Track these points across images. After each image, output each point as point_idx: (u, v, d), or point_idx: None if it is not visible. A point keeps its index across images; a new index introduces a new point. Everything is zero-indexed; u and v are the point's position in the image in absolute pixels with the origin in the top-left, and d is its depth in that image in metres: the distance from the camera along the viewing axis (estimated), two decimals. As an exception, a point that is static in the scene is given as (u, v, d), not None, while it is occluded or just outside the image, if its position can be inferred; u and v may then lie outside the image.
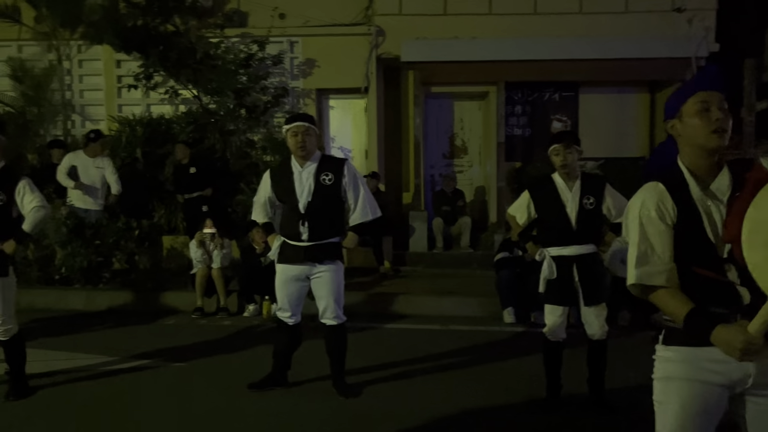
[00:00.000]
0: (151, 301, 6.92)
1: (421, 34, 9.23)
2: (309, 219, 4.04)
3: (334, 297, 4.13)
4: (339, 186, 4.10)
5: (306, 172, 4.10)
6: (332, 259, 4.12)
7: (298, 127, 4.06)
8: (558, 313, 3.93)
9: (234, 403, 4.08)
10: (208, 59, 8.60)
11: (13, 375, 4.20)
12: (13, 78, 9.45)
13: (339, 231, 4.19)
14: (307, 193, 4.06)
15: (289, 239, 4.12)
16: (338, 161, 4.21)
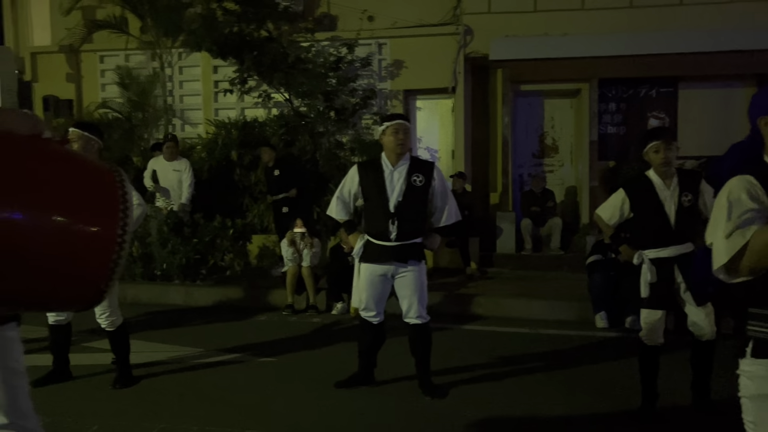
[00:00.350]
0: (244, 297, 7.18)
1: (511, 31, 9.08)
2: (398, 218, 4.05)
3: (419, 296, 4.13)
4: (428, 188, 4.12)
5: (397, 171, 4.12)
6: (417, 259, 4.13)
7: (400, 125, 4.11)
8: (657, 316, 3.76)
9: (320, 400, 4.16)
10: (299, 63, 8.82)
11: (119, 364, 4.47)
12: (120, 85, 10.08)
13: (422, 232, 4.20)
14: (398, 192, 4.08)
15: (375, 238, 4.14)
16: (428, 164, 4.26)
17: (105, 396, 4.24)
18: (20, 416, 2.11)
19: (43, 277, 1.69)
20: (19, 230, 1.60)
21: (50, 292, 1.73)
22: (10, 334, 2.11)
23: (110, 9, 9.96)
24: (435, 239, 4.25)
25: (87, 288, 1.74)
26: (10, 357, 2.09)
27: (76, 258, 1.69)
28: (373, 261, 4.15)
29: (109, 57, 10.64)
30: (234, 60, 8.91)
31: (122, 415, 3.86)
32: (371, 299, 4.22)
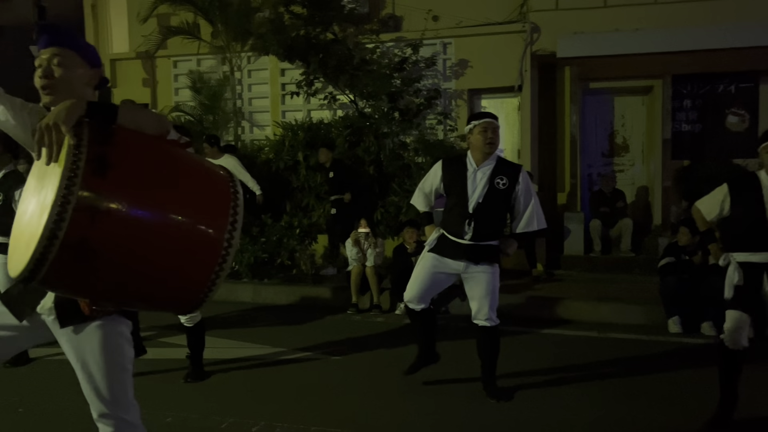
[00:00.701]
0: (309, 296, 7.30)
1: (579, 28, 8.87)
2: (476, 219, 4.00)
3: (489, 299, 4.07)
4: (511, 192, 4.04)
5: (481, 172, 4.06)
6: (490, 262, 4.06)
7: (489, 123, 4.04)
8: (742, 318, 3.57)
9: (385, 399, 4.18)
10: (364, 64, 8.89)
11: (193, 359, 4.62)
12: (192, 89, 10.43)
13: (499, 234, 4.14)
14: (478, 193, 4.02)
15: (451, 235, 4.10)
16: (514, 167, 4.16)
17: (178, 389, 4.40)
18: (122, 409, 2.17)
19: (158, 274, 1.75)
20: (148, 225, 1.68)
21: (160, 289, 1.79)
22: (121, 329, 2.17)
23: (183, 15, 10.32)
24: (511, 244, 4.15)
25: (192, 289, 1.79)
26: (119, 352, 2.16)
27: (189, 258, 1.75)
28: (444, 254, 4.10)
29: (182, 62, 11.03)
30: (300, 63, 9.06)
31: (193, 409, 3.99)
32: (422, 287, 4.19)
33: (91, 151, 1.63)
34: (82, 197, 1.58)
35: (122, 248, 1.67)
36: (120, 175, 1.66)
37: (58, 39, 2.12)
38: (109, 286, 1.75)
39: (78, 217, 1.57)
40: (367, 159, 8.65)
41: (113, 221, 1.64)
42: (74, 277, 1.68)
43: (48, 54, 2.10)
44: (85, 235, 1.60)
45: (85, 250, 1.61)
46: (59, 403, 3.97)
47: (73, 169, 1.58)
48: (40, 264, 1.59)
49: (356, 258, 6.94)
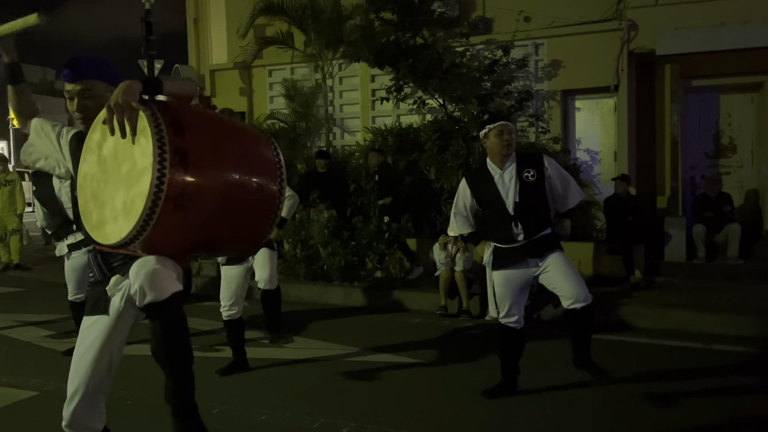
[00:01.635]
0: (398, 299, 7.34)
1: (680, 24, 8.45)
2: (521, 218, 4.00)
3: (575, 278, 3.99)
4: (542, 180, 4.06)
5: (507, 173, 4.09)
6: (553, 249, 4.02)
7: (504, 126, 4.09)
8: None
9: (473, 405, 4.13)
10: (454, 68, 8.85)
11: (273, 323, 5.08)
12: (286, 97, 10.76)
13: (549, 222, 4.11)
14: (513, 193, 4.03)
15: (503, 243, 4.08)
16: (536, 156, 4.20)
17: (271, 388, 4.53)
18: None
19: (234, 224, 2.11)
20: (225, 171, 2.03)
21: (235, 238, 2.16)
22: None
23: (278, 26, 10.68)
24: (566, 224, 4.18)
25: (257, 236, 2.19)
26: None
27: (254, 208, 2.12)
28: (507, 266, 4.07)
29: (276, 71, 11.40)
30: (390, 68, 9.15)
31: (286, 408, 4.10)
32: (512, 304, 4.13)
33: (165, 116, 1.94)
34: (174, 154, 1.88)
35: (212, 193, 1.98)
36: (194, 134, 1.98)
37: (81, 73, 2.32)
38: (201, 231, 2.04)
39: (175, 172, 1.88)
40: (456, 163, 8.59)
41: (201, 171, 1.95)
42: (174, 227, 1.97)
43: (76, 88, 2.31)
44: (182, 187, 1.90)
45: (184, 199, 1.91)
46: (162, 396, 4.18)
47: (159, 132, 1.88)
48: (149, 218, 1.88)
49: (445, 262, 6.91)
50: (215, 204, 1.99)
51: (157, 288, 2.06)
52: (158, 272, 2.06)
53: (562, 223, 4.18)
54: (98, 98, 2.28)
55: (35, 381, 4.64)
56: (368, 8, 9.33)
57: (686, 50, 8.31)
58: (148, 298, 2.07)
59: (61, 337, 5.91)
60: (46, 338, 6.01)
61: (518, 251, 4.03)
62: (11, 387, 4.55)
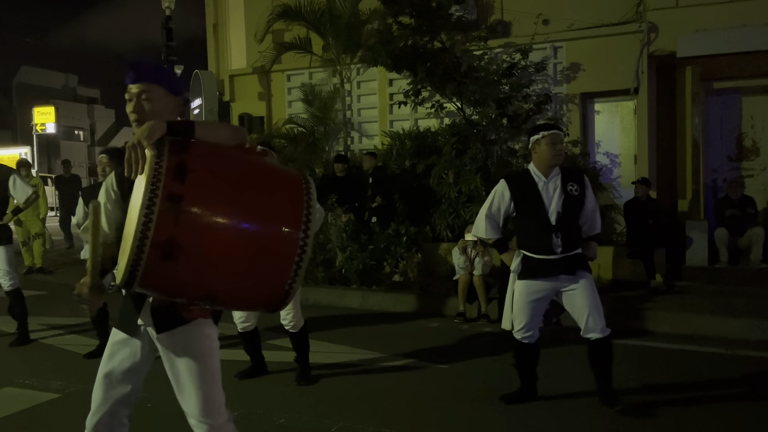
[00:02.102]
0: (416, 303, 7.32)
1: (701, 25, 8.35)
2: (562, 230, 3.91)
3: (596, 308, 3.93)
4: (583, 197, 4.02)
5: (552, 182, 4.00)
6: (584, 269, 3.96)
7: (557, 135, 4.00)
8: None
9: (487, 411, 4.11)
10: (472, 71, 8.83)
11: (301, 362, 4.77)
12: (304, 101, 10.82)
13: (581, 242, 4.06)
14: (556, 204, 3.94)
15: (537, 253, 3.97)
16: (579, 172, 4.18)
17: (290, 392, 4.55)
18: (212, 414, 2.30)
19: (238, 280, 1.91)
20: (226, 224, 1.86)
21: (243, 285, 1.94)
22: (210, 333, 2.33)
23: (296, 31, 10.74)
24: (594, 248, 4.12)
25: (273, 286, 1.94)
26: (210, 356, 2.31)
27: (267, 256, 1.91)
28: (538, 276, 3.97)
29: (294, 76, 11.47)
30: (408, 72, 9.15)
31: (305, 412, 4.11)
32: (530, 318, 4.06)
33: (171, 159, 1.84)
34: (165, 199, 1.78)
35: (205, 245, 1.84)
36: (198, 179, 1.86)
37: (144, 75, 2.34)
38: (199, 285, 1.91)
39: (163, 218, 1.77)
40: (474, 167, 8.57)
41: (195, 220, 1.83)
42: (168, 276, 1.86)
43: (137, 90, 2.31)
44: (171, 234, 1.79)
45: (173, 248, 1.79)
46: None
47: (155, 176, 1.80)
48: (136, 264, 1.79)
49: (464, 266, 6.88)
50: (212, 257, 1.85)
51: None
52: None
53: (590, 245, 4.10)
54: (156, 103, 2.28)
55: (57, 383, 4.70)
56: (386, 12, 9.34)
57: (707, 52, 8.22)
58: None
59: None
60: (67, 341, 6.09)
61: (553, 264, 3.92)
62: (33, 389, 4.61)
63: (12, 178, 5.80)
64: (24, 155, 26.64)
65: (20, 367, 5.17)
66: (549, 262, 3.93)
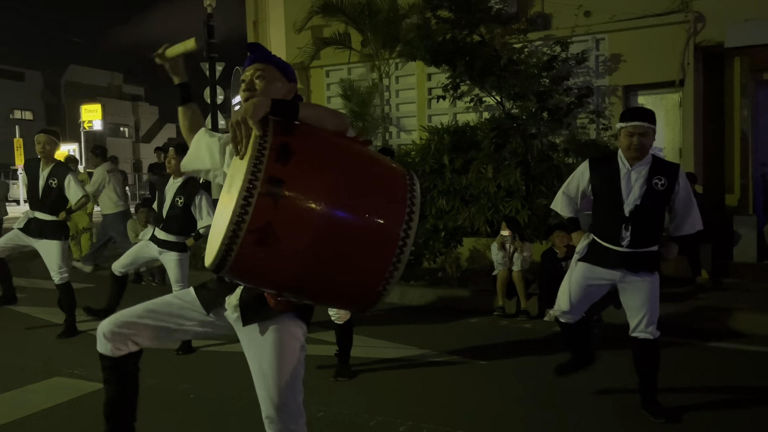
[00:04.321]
0: (455, 299, 7.30)
1: (751, 14, 8.09)
2: (634, 223, 3.74)
3: (650, 309, 3.78)
4: (671, 193, 3.77)
5: (635, 172, 3.78)
6: (650, 270, 3.77)
7: (636, 128, 3.73)
8: None
9: (533, 408, 4.07)
10: (512, 65, 8.74)
11: (342, 357, 4.81)
12: (343, 97, 10.87)
13: (658, 239, 3.85)
14: (635, 195, 3.75)
15: (605, 241, 3.86)
16: (673, 166, 3.87)
17: (329, 385, 4.58)
18: (289, 415, 2.26)
19: (330, 276, 1.81)
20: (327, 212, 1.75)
21: (337, 280, 1.83)
22: (296, 332, 2.30)
23: (335, 26, 10.79)
24: (672, 249, 3.89)
25: (368, 281, 1.84)
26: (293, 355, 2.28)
27: (366, 248, 1.80)
28: (598, 263, 3.87)
29: (333, 71, 11.53)
30: (447, 66, 9.10)
31: (343, 405, 4.14)
32: (576, 299, 3.96)
33: (275, 140, 1.76)
34: (266, 182, 1.69)
35: (303, 233, 1.73)
36: (302, 163, 1.76)
37: (260, 56, 2.34)
38: (292, 274, 1.79)
39: (262, 202, 1.68)
40: (513, 161, 8.48)
41: (295, 206, 1.72)
42: (260, 264, 1.77)
43: (252, 70, 2.31)
44: (269, 219, 1.70)
45: (269, 234, 1.70)
46: (224, 392, 4.30)
47: (258, 157, 1.71)
48: (229, 249, 1.71)
49: (502, 262, 6.83)
50: (308, 247, 1.74)
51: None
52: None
53: (669, 246, 3.89)
54: (268, 84, 2.27)
55: (104, 373, 4.84)
56: (425, 7, 9.31)
57: (757, 42, 7.95)
58: None
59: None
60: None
61: (617, 256, 3.78)
62: (82, 379, 4.75)
63: (68, 178, 6.02)
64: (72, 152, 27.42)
65: (69, 358, 5.34)
66: (614, 253, 3.80)
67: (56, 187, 6.01)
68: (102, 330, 2.42)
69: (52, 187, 6.02)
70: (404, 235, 1.79)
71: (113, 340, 2.40)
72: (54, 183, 6.02)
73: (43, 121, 50.60)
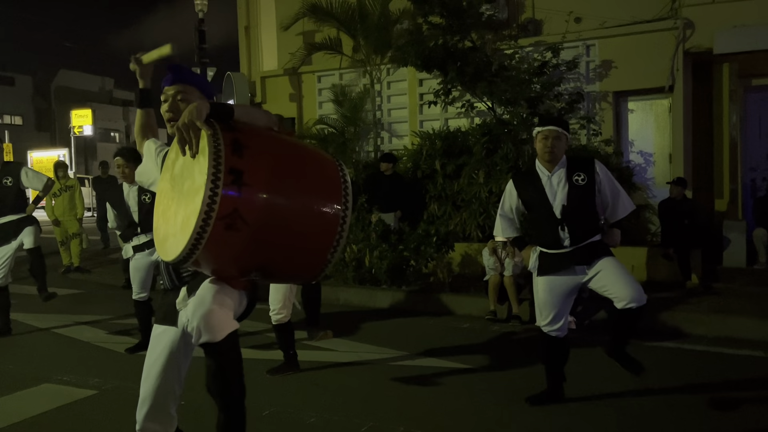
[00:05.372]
0: (447, 303, 7.30)
1: (739, 21, 8.16)
2: (568, 223, 3.88)
3: (627, 279, 3.80)
4: (593, 185, 3.93)
5: (556, 176, 3.97)
6: (600, 256, 3.87)
7: (549, 131, 3.95)
8: None
9: (516, 413, 4.07)
10: (503, 71, 8.77)
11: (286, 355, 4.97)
12: (335, 102, 10.87)
13: (598, 229, 3.98)
14: (561, 197, 3.92)
15: (548, 248, 3.98)
16: (587, 161, 4.07)
17: (321, 391, 4.57)
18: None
19: (289, 250, 2.07)
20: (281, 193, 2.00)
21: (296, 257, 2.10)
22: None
23: (326, 31, 10.80)
24: (615, 234, 4.03)
25: (317, 262, 2.10)
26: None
27: (312, 234, 2.06)
28: (552, 272, 3.96)
29: (325, 76, 11.53)
30: (438, 72, 9.13)
31: (335, 411, 4.13)
32: (555, 312, 4.01)
33: (226, 136, 1.95)
34: (228, 173, 1.89)
35: (265, 215, 1.96)
36: (254, 154, 1.98)
37: (181, 77, 2.48)
38: (253, 254, 2.02)
39: (228, 191, 1.88)
40: (505, 166, 8.51)
41: (255, 191, 1.94)
42: (226, 248, 1.97)
43: (173, 90, 2.45)
44: (235, 206, 1.90)
45: (236, 219, 1.91)
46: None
47: (216, 152, 1.90)
48: (200, 237, 1.89)
49: (494, 267, 6.84)
50: (270, 226, 1.97)
51: (212, 329, 2.09)
52: (214, 313, 2.09)
53: (611, 233, 4.03)
54: (190, 102, 2.36)
55: (95, 380, 4.80)
56: (416, 12, 9.33)
57: (745, 48, 8.03)
58: (203, 339, 2.11)
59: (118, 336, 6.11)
60: (104, 338, 6.22)
61: (564, 257, 3.92)
62: (71, 386, 4.72)
63: (23, 171, 5.99)
64: (62, 157, 27.26)
65: (58, 364, 5.30)
66: (561, 256, 3.92)
67: (13, 184, 5.96)
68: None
69: (8, 185, 5.96)
70: (344, 207, 2.07)
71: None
72: (9, 181, 5.96)
73: (32, 126, 50.34)
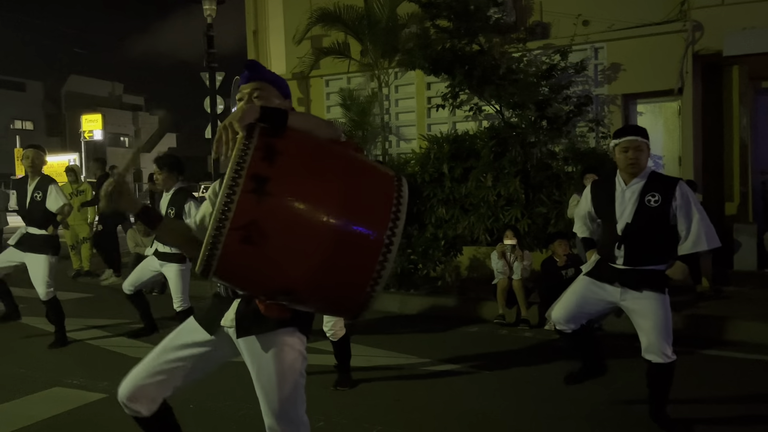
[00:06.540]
0: (455, 307, 7.28)
1: (749, 23, 8.12)
2: (626, 242, 3.69)
3: (659, 332, 3.63)
4: (667, 209, 3.63)
5: (630, 190, 3.74)
6: (652, 288, 3.64)
7: (630, 142, 3.70)
8: None
9: (527, 417, 4.06)
10: (511, 74, 8.76)
11: (341, 368, 4.79)
12: (343, 106, 10.89)
13: (664, 258, 3.73)
14: (628, 213, 3.70)
15: (604, 258, 3.86)
16: (669, 181, 3.77)
17: (329, 394, 4.57)
18: (290, 424, 2.30)
19: (325, 270, 1.77)
20: (310, 211, 1.75)
21: (328, 287, 1.81)
22: (294, 342, 2.31)
23: (335, 36, 10.83)
24: (678, 269, 3.68)
25: (354, 295, 1.82)
26: (292, 366, 2.30)
27: (352, 255, 1.77)
28: (597, 277, 3.86)
29: (333, 81, 11.56)
30: (446, 76, 9.13)
31: (343, 414, 4.13)
32: (570, 309, 3.93)
33: (261, 141, 1.77)
34: (249, 179, 1.69)
35: (288, 232, 1.72)
36: (288, 163, 1.76)
37: (257, 74, 2.37)
38: (278, 275, 1.78)
39: (245, 199, 1.68)
40: (513, 170, 8.49)
41: (280, 204, 1.71)
42: (246, 263, 1.76)
43: (249, 88, 2.34)
44: (253, 217, 1.69)
45: (253, 232, 1.69)
46: (223, 401, 4.29)
47: (241, 156, 1.73)
48: (214, 248, 1.70)
49: (502, 271, 6.83)
50: (294, 246, 1.74)
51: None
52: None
53: (676, 266, 3.69)
54: (266, 102, 2.24)
55: (104, 383, 4.82)
56: (424, 16, 9.34)
57: (755, 50, 7.99)
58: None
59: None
60: (114, 342, 6.25)
61: (615, 272, 3.74)
62: (82, 389, 4.75)
63: (50, 188, 5.95)
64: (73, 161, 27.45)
65: (68, 368, 5.33)
66: (613, 270, 3.78)
67: (41, 200, 5.95)
68: (122, 400, 2.42)
69: (37, 200, 5.97)
70: (390, 234, 1.77)
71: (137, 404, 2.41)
72: (39, 196, 5.96)
73: (43, 131, 50.72)
